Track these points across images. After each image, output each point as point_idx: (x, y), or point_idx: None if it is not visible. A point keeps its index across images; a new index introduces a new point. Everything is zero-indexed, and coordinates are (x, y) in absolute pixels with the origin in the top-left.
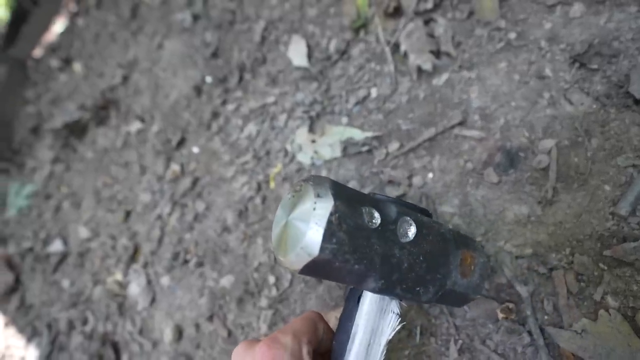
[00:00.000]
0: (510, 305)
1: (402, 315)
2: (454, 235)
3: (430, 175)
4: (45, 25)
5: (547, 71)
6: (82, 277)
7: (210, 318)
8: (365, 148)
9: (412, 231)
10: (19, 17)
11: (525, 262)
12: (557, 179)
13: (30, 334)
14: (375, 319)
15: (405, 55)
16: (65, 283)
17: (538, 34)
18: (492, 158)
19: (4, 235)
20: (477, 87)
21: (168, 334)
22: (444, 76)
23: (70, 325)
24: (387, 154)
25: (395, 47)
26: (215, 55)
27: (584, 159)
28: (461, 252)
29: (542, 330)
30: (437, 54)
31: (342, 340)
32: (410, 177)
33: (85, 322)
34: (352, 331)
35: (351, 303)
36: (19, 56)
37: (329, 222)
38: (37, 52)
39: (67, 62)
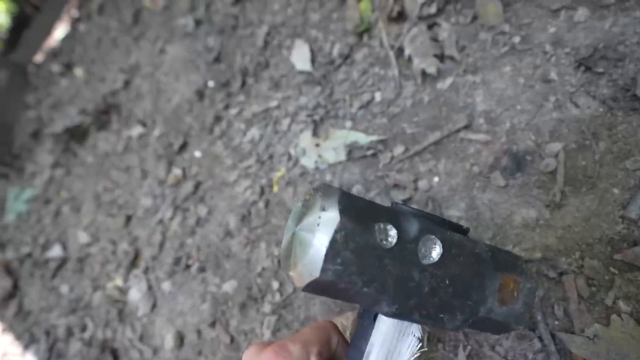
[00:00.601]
0: None
1: (424, 340)
2: (494, 255)
3: (436, 179)
4: (47, 31)
5: (553, 75)
6: (81, 283)
7: (213, 324)
8: (370, 152)
9: (436, 251)
10: (20, 22)
11: (534, 266)
12: (565, 183)
13: (28, 340)
14: (392, 341)
15: (410, 59)
16: (64, 289)
17: (542, 38)
18: (499, 161)
19: (3, 241)
20: (482, 91)
21: (169, 341)
22: (449, 80)
23: (69, 332)
24: (392, 157)
25: (399, 51)
26: (217, 60)
27: (592, 162)
28: (501, 276)
29: (553, 336)
30: (441, 58)
31: (354, 358)
32: (415, 181)
33: (84, 328)
34: (366, 350)
35: (366, 320)
36: (20, 61)
37: (333, 240)
38: (39, 57)
39: (68, 67)
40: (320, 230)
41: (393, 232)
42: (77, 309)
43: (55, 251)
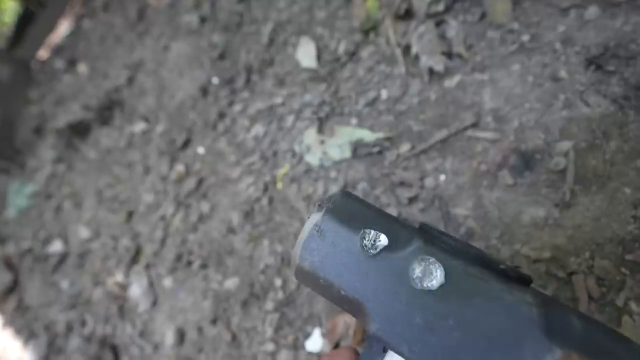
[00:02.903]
0: None
1: None
2: (555, 318)
3: (443, 177)
4: (51, 27)
5: (562, 73)
6: (81, 279)
7: (214, 321)
8: (375, 149)
9: (437, 278)
10: (25, 18)
11: (543, 266)
12: (575, 182)
13: (28, 335)
14: None
15: (417, 57)
16: (65, 284)
17: (552, 37)
18: (507, 160)
19: (4, 235)
20: (489, 89)
21: (169, 338)
22: (456, 78)
23: (69, 327)
24: (398, 155)
25: (406, 49)
26: (222, 56)
27: (602, 161)
28: (562, 354)
29: None
30: (448, 55)
31: None
32: (422, 179)
33: (84, 324)
34: None
35: (375, 347)
36: (24, 57)
37: (311, 233)
38: (42, 54)
39: (72, 63)
40: (307, 224)
41: (381, 242)
42: (77, 304)
43: (56, 246)
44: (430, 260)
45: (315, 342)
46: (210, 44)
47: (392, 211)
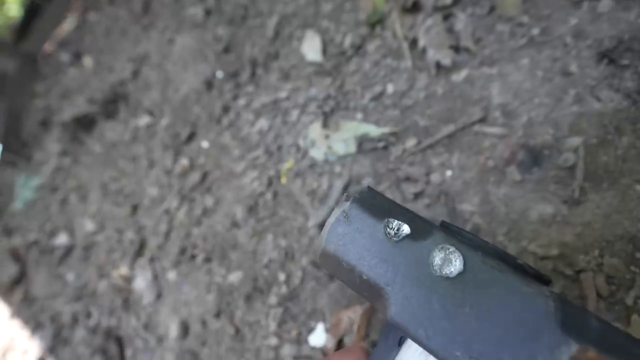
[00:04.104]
0: None
1: None
2: (571, 314)
3: (449, 172)
4: (57, 20)
5: (573, 68)
6: (87, 271)
7: (218, 315)
8: (381, 144)
9: (456, 266)
10: (31, 12)
11: (550, 263)
12: (585, 178)
13: (34, 326)
14: None
15: (424, 50)
16: (70, 276)
17: (563, 30)
18: (515, 156)
19: (10, 227)
20: (498, 84)
21: (173, 330)
22: (464, 72)
23: (74, 319)
24: (404, 150)
25: (413, 43)
26: (227, 50)
27: (614, 157)
28: (578, 349)
29: None
30: (456, 49)
31: None
32: (428, 174)
33: (89, 316)
34: None
35: (390, 340)
36: (30, 51)
37: (338, 219)
38: (48, 47)
39: (77, 56)
40: (335, 211)
41: (404, 230)
42: (82, 296)
43: (62, 239)
44: (451, 249)
45: (318, 337)
46: (215, 37)
47: None
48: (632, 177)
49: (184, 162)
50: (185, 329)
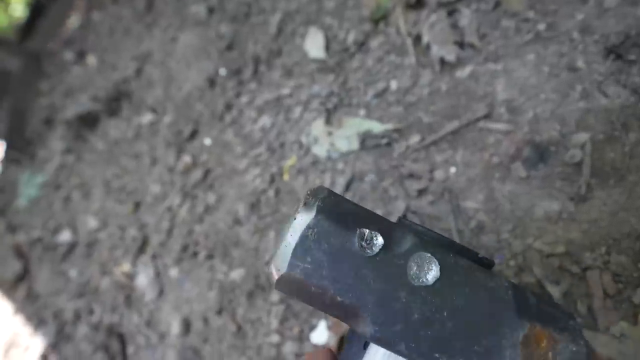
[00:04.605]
0: None
1: None
2: (520, 297)
3: (453, 169)
4: (61, 19)
5: (580, 63)
6: (89, 268)
7: (219, 312)
8: (384, 141)
9: (432, 274)
10: (35, 11)
11: (556, 260)
12: (592, 175)
13: (37, 322)
14: None
15: (428, 46)
16: (73, 273)
17: (570, 25)
18: (520, 152)
19: (14, 224)
20: (503, 80)
21: (175, 327)
22: (468, 68)
23: (77, 316)
24: (408, 147)
25: (417, 39)
26: (229, 47)
27: (621, 153)
28: (529, 327)
29: None
30: (461, 45)
31: None
32: (431, 171)
33: (91, 312)
34: None
35: (355, 345)
36: (34, 49)
37: (303, 236)
38: (53, 46)
39: (81, 55)
40: (294, 226)
41: (378, 241)
42: (85, 293)
43: (65, 236)
44: (427, 256)
45: (320, 334)
46: (218, 35)
47: (401, 204)
48: (638, 173)
49: (186, 159)
50: (187, 326)
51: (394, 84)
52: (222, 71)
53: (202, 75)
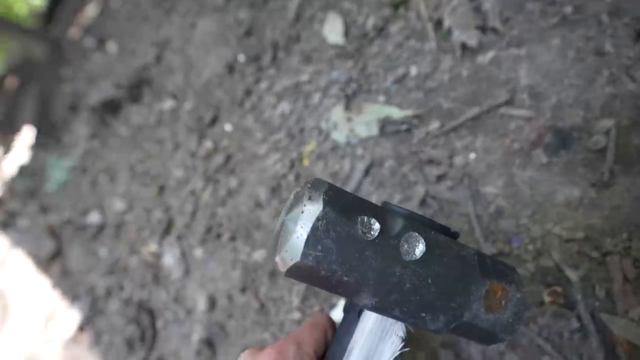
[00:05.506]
0: (558, 289)
1: (409, 340)
2: (482, 261)
3: (473, 155)
4: (81, 6)
5: (608, 47)
6: (118, 247)
7: (243, 290)
8: (404, 127)
9: (419, 249)
10: None
11: (575, 245)
12: (615, 161)
13: (72, 298)
14: (375, 339)
15: (449, 31)
16: (103, 252)
17: (598, 8)
18: (542, 138)
19: (46, 206)
20: (526, 65)
21: (201, 304)
22: (490, 53)
23: (108, 292)
24: (427, 133)
25: (438, 24)
26: (248, 33)
27: None
28: (489, 283)
29: (592, 316)
30: (483, 30)
31: (336, 354)
32: (451, 157)
33: (122, 289)
34: (349, 346)
35: (351, 315)
36: (56, 37)
37: (314, 227)
38: (73, 33)
39: (101, 42)
40: (304, 218)
41: (376, 226)
42: (115, 271)
43: (94, 217)
44: (415, 235)
45: (340, 312)
46: (236, 21)
47: (420, 189)
48: None
49: (208, 144)
50: (212, 303)
51: (413, 70)
52: (241, 57)
53: (221, 62)
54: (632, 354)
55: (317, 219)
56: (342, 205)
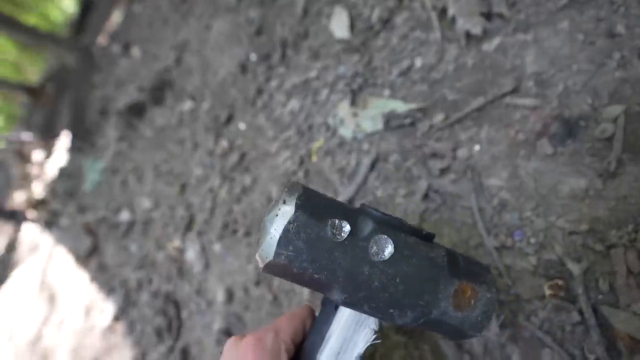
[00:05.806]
0: (560, 282)
1: (381, 332)
2: (453, 262)
3: (477, 147)
4: (108, 14)
5: (620, 28)
6: (147, 243)
7: (258, 283)
8: (407, 120)
9: (388, 250)
10: (85, 7)
11: (579, 238)
12: (623, 149)
13: (108, 290)
14: (349, 330)
15: (453, 20)
16: (134, 248)
17: None
18: (548, 128)
19: (83, 206)
20: (533, 51)
21: (220, 296)
22: (495, 41)
23: (139, 285)
24: (431, 126)
25: (442, 13)
26: (258, 32)
27: None
28: (458, 283)
29: (594, 310)
30: (488, 16)
31: (314, 342)
32: (454, 150)
33: (151, 282)
34: (327, 335)
35: (329, 307)
36: (86, 44)
37: (286, 229)
38: (102, 40)
39: (126, 47)
40: (277, 221)
41: (346, 228)
42: (145, 265)
43: (125, 215)
44: (383, 237)
45: None
46: (247, 20)
47: (423, 183)
48: None
49: (224, 143)
50: (230, 295)
51: (418, 62)
52: (253, 56)
53: (235, 61)
54: (633, 347)
55: (289, 222)
56: (314, 208)
